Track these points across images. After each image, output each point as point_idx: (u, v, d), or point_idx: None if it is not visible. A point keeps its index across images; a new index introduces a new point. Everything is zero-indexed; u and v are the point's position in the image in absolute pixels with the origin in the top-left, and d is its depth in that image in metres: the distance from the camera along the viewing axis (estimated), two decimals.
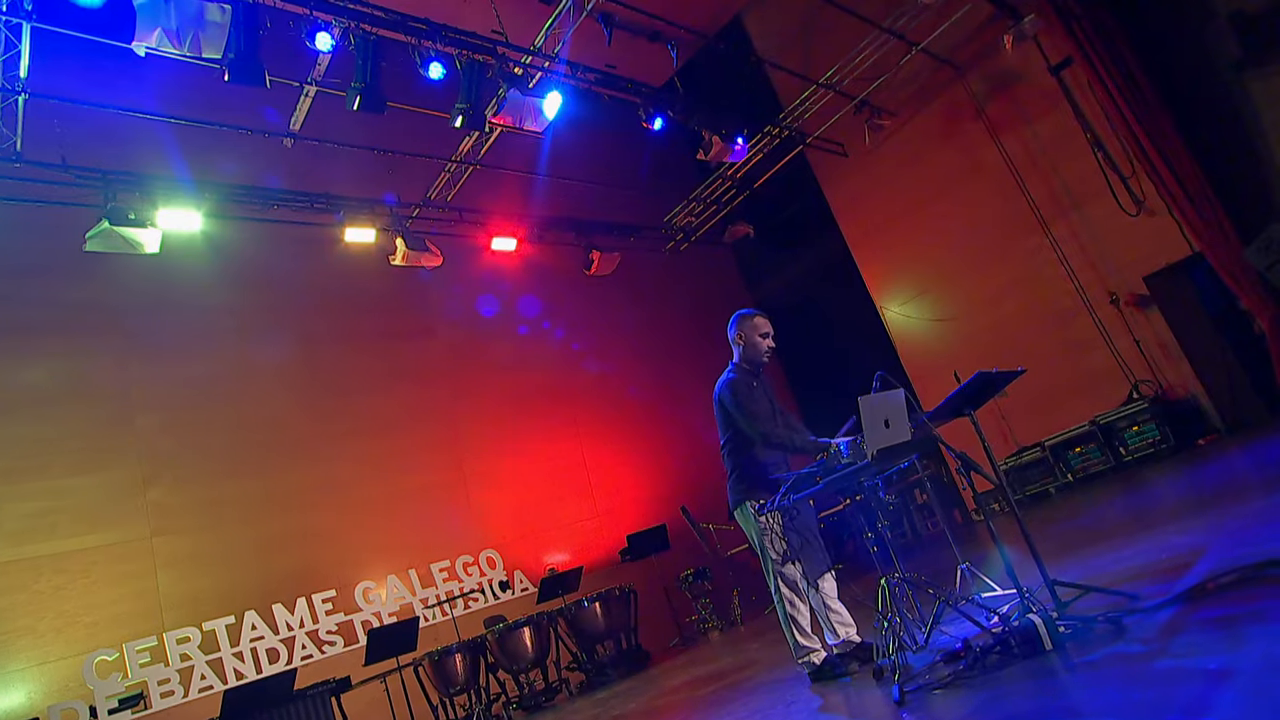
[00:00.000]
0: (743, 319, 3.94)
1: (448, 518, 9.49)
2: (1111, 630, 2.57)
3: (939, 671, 2.93)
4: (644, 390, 11.73)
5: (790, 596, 3.70)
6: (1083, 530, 5.66)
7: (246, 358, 8.57)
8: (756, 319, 3.90)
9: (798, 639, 3.69)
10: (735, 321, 3.95)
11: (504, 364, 10.64)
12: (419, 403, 9.85)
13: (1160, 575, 3.13)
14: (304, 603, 7.76)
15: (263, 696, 5.37)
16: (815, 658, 3.68)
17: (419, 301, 10.24)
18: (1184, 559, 3.24)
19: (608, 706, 5.79)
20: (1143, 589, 2.98)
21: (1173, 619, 2.46)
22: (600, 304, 11.57)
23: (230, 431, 8.21)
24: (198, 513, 7.71)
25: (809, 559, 3.77)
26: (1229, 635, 2.09)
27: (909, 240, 11.00)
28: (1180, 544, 3.57)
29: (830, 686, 3.52)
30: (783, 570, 3.69)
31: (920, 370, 11.03)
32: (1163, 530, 4.16)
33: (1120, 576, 3.44)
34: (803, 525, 3.78)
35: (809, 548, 3.78)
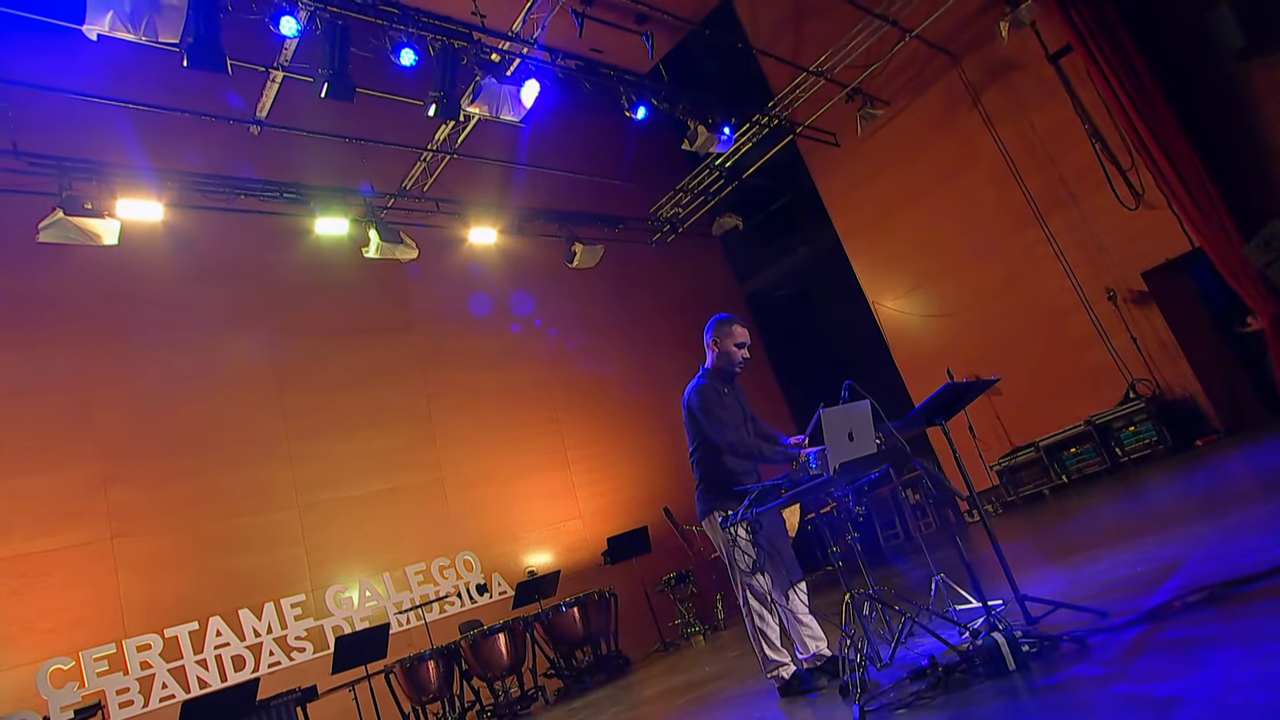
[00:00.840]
0: (720, 325, 3.94)
1: (423, 519, 9.49)
2: (1076, 650, 2.58)
3: (904, 689, 2.94)
4: (630, 387, 11.74)
5: (758, 609, 3.71)
6: (1067, 538, 5.69)
7: (212, 353, 8.55)
8: (735, 327, 3.90)
9: (766, 653, 3.71)
10: (712, 326, 3.95)
11: (484, 360, 10.63)
12: (394, 400, 9.84)
13: (1135, 590, 3.15)
14: (272, 608, 7.76)
15: (223, 708, 5.37)
16: (784, 672, 3.70)
17: (394, 295, 10.21)
18: (1161, 572, 3.26)
19: (581, 717, 5.81)
20: (1115, 605, 3.00)
21: (1137, 639, 2.48)
22: (584, 298, 11.56)
23: (195, 429, 8.19)
24: (161, 514, 7.69)
25: (778, 570, 3.78)
26: (1184, 660, 2.11)
27: (902, 233, 11.01)
28: (1161, 555, 3.59)
29: (798, 702, 3.53)
30: (751, 582, 3.70)
31: (913, 367, 11.06)
32: (1146, 540, 4.19)
33: (1097, 590, 3.46)
34: (771, 536, 3.78)
35: (778, 559, 3.79)
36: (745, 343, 3.91)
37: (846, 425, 2.89)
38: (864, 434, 2.97)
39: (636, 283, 12.32)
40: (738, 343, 3.89)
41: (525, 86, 7.47)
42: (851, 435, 2.90)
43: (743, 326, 3.91)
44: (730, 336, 3.89)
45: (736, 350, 3.89)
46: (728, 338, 3.90)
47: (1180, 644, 2.28)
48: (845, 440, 2.87)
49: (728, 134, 8.93)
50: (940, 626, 3.46)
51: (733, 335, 3.89)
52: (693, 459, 3.94)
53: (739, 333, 3.90)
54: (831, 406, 2.84)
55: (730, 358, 3.89)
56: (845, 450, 2.87)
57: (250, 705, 5.55)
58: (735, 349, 3.89)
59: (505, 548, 9.91)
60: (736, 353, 3.89)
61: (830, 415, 2.85)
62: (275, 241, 9.10)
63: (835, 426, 2.85)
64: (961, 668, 2.81)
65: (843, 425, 2.88)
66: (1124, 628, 2.63)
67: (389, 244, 8.88)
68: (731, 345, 3.89)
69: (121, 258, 7.67)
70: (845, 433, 2.88)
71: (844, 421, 2.89)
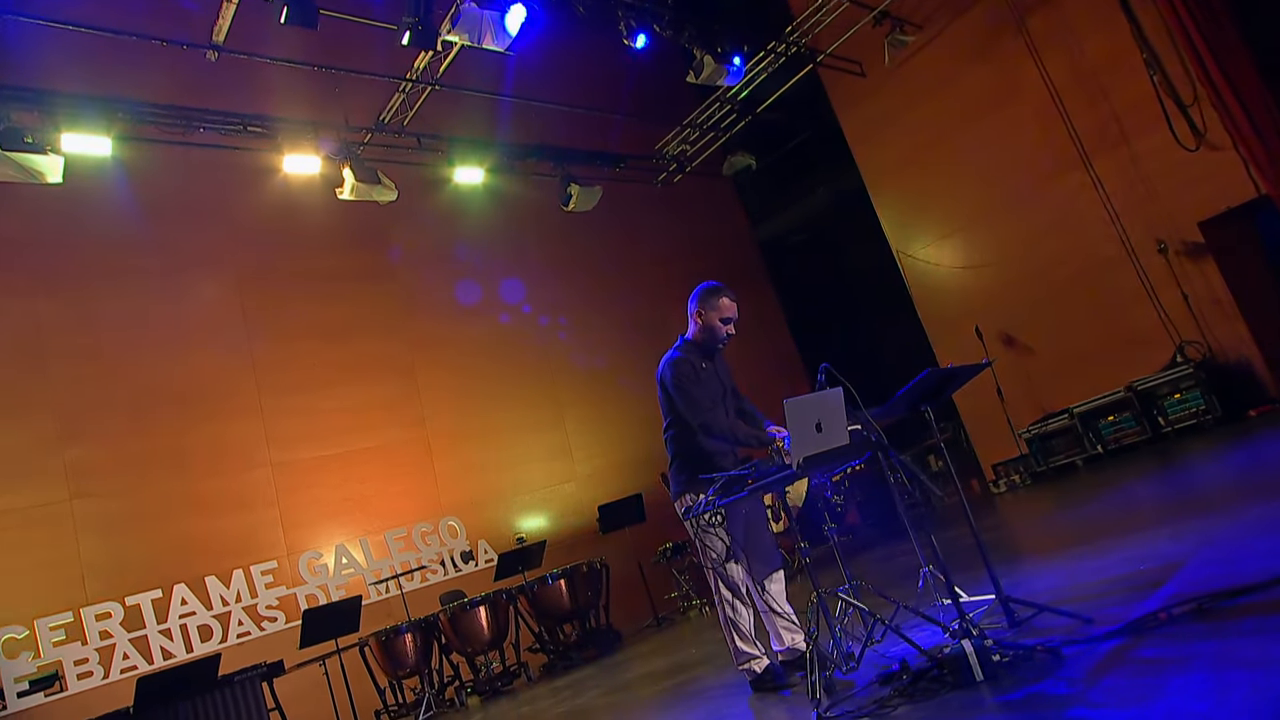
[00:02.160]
0: (707, 295, 3.92)
1: (406, 480, 9.66)
2: (1048, 661, 2.62)
3: (871, 694, 3.01)
4: (632, 340, 11.75)
5: (730, 599, 3.78)
6: (1082, 522, 5.73)
7: (175, 300, 8.62)
8: (722, 299, 3.88)
9: (737, 644, 3.79)
10: (698, 295, 3.94)
11: (472, 310, 10.66)
12: (374, 352, 9.93)
13: (1130, 592, 3.19)
14: (241, 575, 7.98)
15: (182, 684, 5.56)
16: (756, 665, 3.78)
17: (373, 240, 10.21)
18: (1161, 573, 3.29)
19: (559, 697, 5.99)
20: (1104, 609, 3.04)
21: (1111, 654, 2.52)
22: (581, 244, 11.51)
23: (158, 383, 8.31)
24: (122, 473, 7.87)
25: (753, 559, 3.84)
26: (1149, 684, 2.14)
27: (932, 175, 10.83)
28: (1168, 553, 3.62)
29: (768, 699, 3.62)
30: (722, 571, 3.76)
31: (939, 324, 10.99)
32: (1160, 531, 4.22)
33: (1093, 589, 3.50)
34: (748, 522, 3.83)
35: (755, 546, 3.85)
36: (731, 317, 3.90)
37: (814, 415, 2.89)
38: (835, 424, 2.98)
39: (639, 227, 12.25)
40: (723, 317, 3.88)
41: (510, 11, 7.33)
42: (820, 426, 2.90)
43: (731, 300, 3.89)
44: (716, 310, 3.88)
45: (721, 326, 3.88)
46: (713, 310, 3.89)
47: (1151, 664, 2.32)
48: (812, 432, 2.88)
49: (738, 65, 8.75)
50: (920, 626, 3.52)
51: (719, 309, 3.88)
52: (666, 436, 3.98)
53: (726, 306, 3.88)
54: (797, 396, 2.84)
55: (713, 333, 3.89)
56: (811, 442, 2.88)
57: (211, 681, 5.74)
58: (720, 324, 3.88)
59: (493, 512, 10.07)
60: (721, 328, 3.88)
61: (795, 405, 2.85)
62: (239, 180, 9.09)
63: (801, 417, 2.86)
64: (931, 674, 2.86)
65: (809, 415, 2.88)
66: (1103, 639, 2.67)
67: (365, 184, 8.85)
68: (716, 320, 3.88)
69: (70, 197, 7.69)
70: (812, 423, 2.88)
71: (811, 411, 2.89)
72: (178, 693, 5.54)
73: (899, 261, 11.33)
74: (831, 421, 2.96)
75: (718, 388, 3.91)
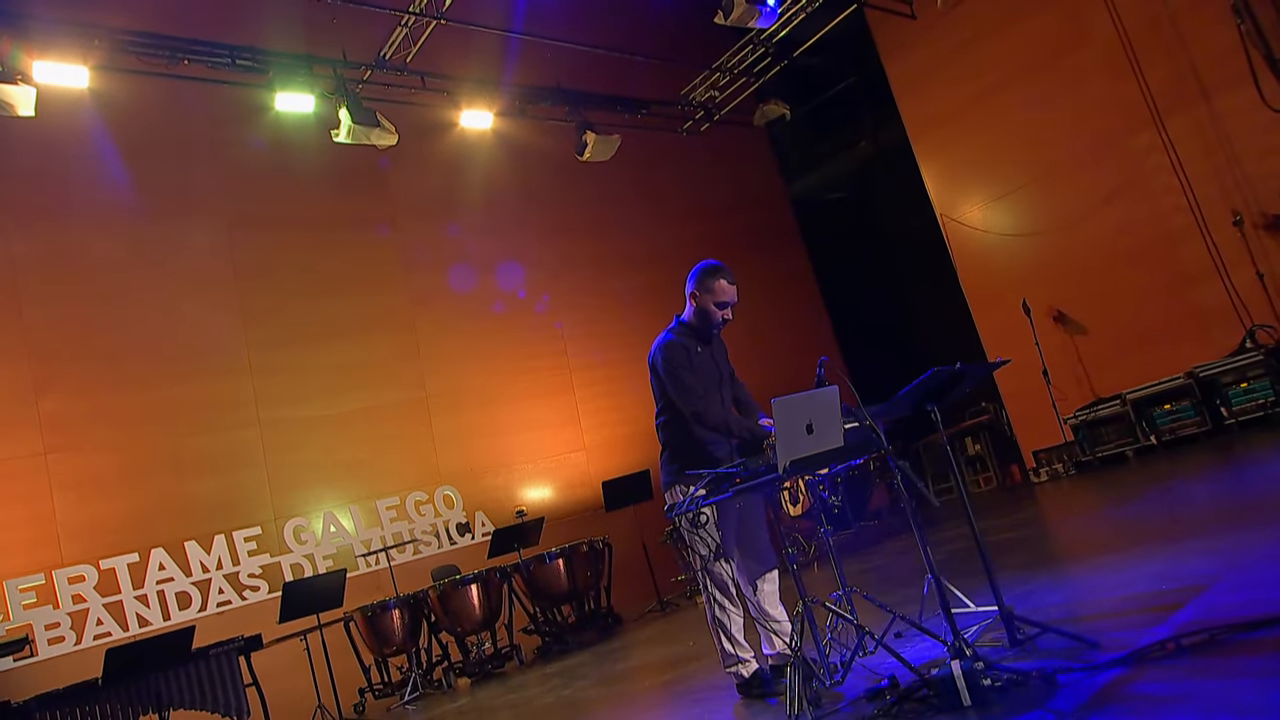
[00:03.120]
0: (705, 276, 3.92)
1: (402, 445, 9.79)
2: (1040, 690, 2.64)
3: (856, 711, 3.05)
4: (649, 302, 11.73)
5: (719, 598, 3.83)
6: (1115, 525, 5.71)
7: (159, 244, 8.72)
8: (720, 281, 3.87)
9: (725, 646, 3.84)
10: (696, 275, 3.94)
11: (477, 264, 10.69)
12: (372, 307, 10.01)
13: (1145, 614, 3.19)
14: (223, 540, 8.18)
15: (153, 656, 5.74)
16: (744, 669, 3.84)
17: (373, 186, 10.24)
18: (1182, 594, 3.28)
19: (548, 685, 6.12)
20: (1114, 631, 3.04)
21: (1107, 687, 2.53)
22: (597, 196, 11.47)
23: (141, 332, 8.46)
24: (100, 428, 8.04)
25: (745, 557, 3.87)
26: None
27: (984, 131, 10.65)
28: (1196, 570, 3.61)
29: (755, 706, 3.68)
30: (712, 568, 3.80)
31: (983, 296, 10.87)
32: (1194, 544, 4.20)
33: (1109, 606, 3.51)
34: (742, 517, 3.86)
35: (748, 544, 3.88)
36: (729, 301, 3.89)
37: (805, 415, 2.89)
38: (828, 425, 2.97)
39: (660, 180, 12.17)
40: (719, 301, 3.87)
41: None
42: (811, 427, 2.90)
43: (730, 282, 3.88)
44: (712, 293, 3.88)
45: (716, 310, 3.88)
46: (709, 294, 3.88)
47: (1145, 701, 2.33)
48: (801, 433, 2.88)
49: (771, 4, 8.59)
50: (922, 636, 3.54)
51: (715, 291, 3.87)
52: (658, 423, 4.01)
53: (723, 289, 3.87)
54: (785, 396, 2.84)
55: (708, 317, 3.89)
56: (801, 444, 2.88)
57: (184, 654, 5.91)
58: (715, 308, 3.88)
59: (493, 482, 10.20)
60: (716, 313, 3.88)
61: (785, 405, 2.85)
62: (228, 116, 9.12)
63: (789, 417, 2.86)
64: (919, 695, 2.89)
65: (799, 416, 2.88)
66: (1103, 667, 2.68)
67: (363, 126, 8.85)
68: (712, 304, 3.88)
69: (44, 131, 7.76)
70: (803, 424, 2.89)
71: (802, 411, 2.89)
72: (149, 665, 5.72)
73: (942, 225, 11.19)
74: (825, 422, 2.96)
75: (713, 374, 3.92)
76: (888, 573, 6.01)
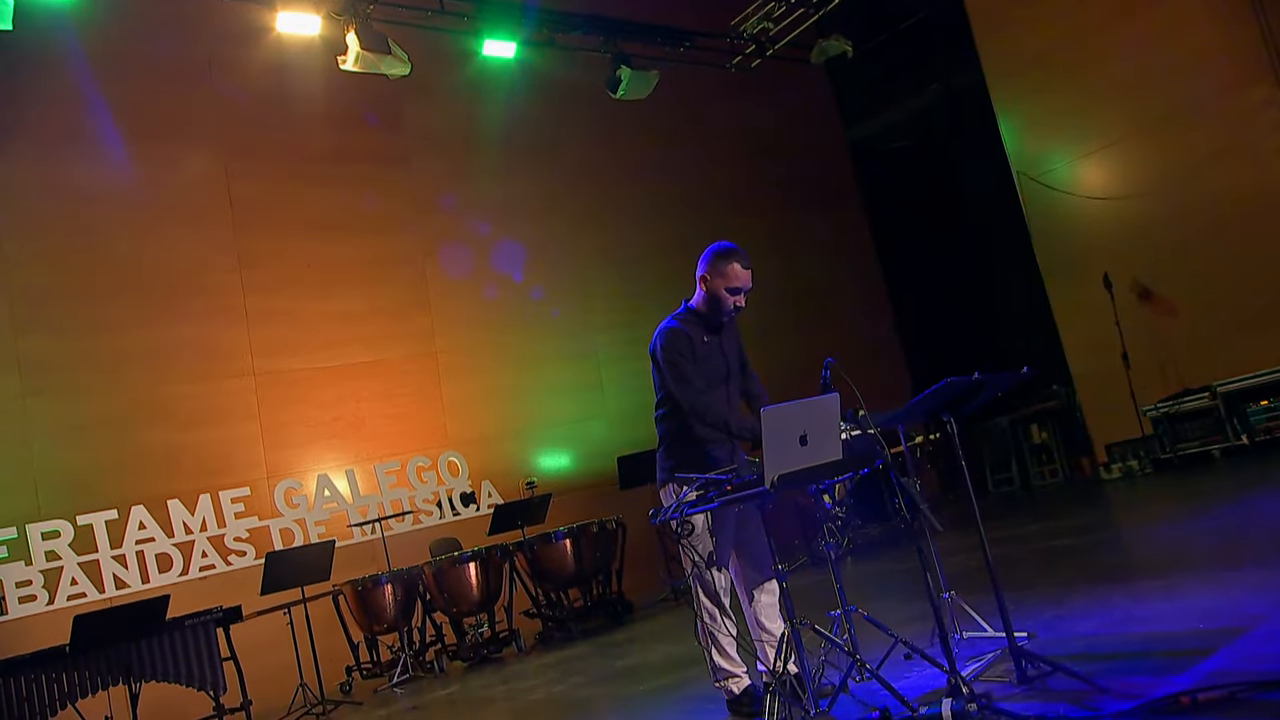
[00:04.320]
0: (716, 258, 3.92)
1: (407, 404, 9.96)
2: None
3: None
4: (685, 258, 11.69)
5: (710, 608, 3.89)
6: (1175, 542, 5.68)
7: (149, 175, 8.88)
8: (733, 265, 3.87)
9: (715, 659, 3.92)
10: (708, 258, 3.95)
11: (498, 209, 10.73)
12: (381, 252, 10.13)
13: (1170, 656, 3.20)
14: (208, 500, 8.43)
15: (123, 624, 5.98)
16: (734, 685, 3.92)
17: (386, 119, 10.28)
18: (1220, 636, 3.28)
19: (542, 679, 6.30)
20: (1128, 675, 3.06)
21: None
22: (632, 138, 11.41)
23: (129, 269, 8.64)
24: (83, 370, 8.28)
25: (743, 565, 3.93)
26: None
27: (1074, 77, 10.40)
28: (1238, 609, 3.60)
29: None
30: (704, 576, 3.86)
31: (1060, 266, 10.75)
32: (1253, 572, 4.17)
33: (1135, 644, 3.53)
34: (741, 520, 3.90)
35: (744, 551, 3.93)
36: (742, 287, 3.89)
37: (798, 426, 2.91)
38: (825, 437, 2.99)
39: (703, 121, 12.06)
40: (731, 286, 3.88)
41: None
42: (805, 438, 2.92)
43: (745, 266, 3.88)
44: (724, 277, 3.88)
45: (728, 296, 3.89)
46: (720, 278, 3.89)
47: None
48: (793, 445, 2.90)
49: None
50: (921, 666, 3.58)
51: (728, 276, 3.88)
52: (656, 415, 4.06)
53: (736, 274, 3.87)
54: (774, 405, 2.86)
55: (719, 303, 3.91)
56: (792, 457, 2.91)
57: (158, 624, 6.16)
58: (727, 294, 3.89)
59: (504, 449, 10.34)
60: (727, 299, 3.89)
61: (775, 416, 2.87)
62: (224, 33, 9.18)
63: (780, 428, 2.88)
64: None
65: (791, 427, 2.90)
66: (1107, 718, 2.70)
67: (373, 53, 8.86)
68: (724, 290, 3.89)
69: (22, 47, 7.88)
70: (795, 436, 2.91)
71: (794, 422, 2.91)
72: (120, 634, 5.96)
73: (1018, 184, 10.99)
74: (821, 433, 2.98)
75: (720, 366, 3.95)
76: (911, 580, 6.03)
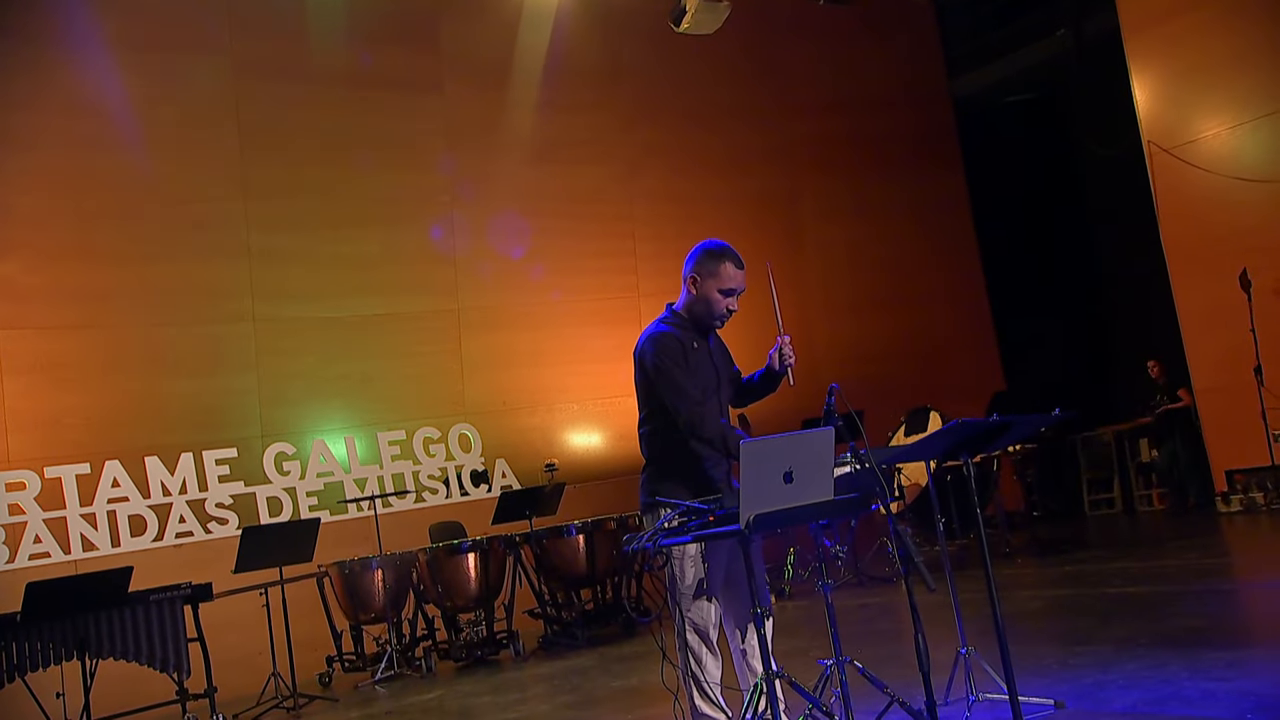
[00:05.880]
0: (706, 258, 3.95)
1: (421, 364, 10.18)
2: None
3: None
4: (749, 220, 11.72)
5: (695, 646, 3.97)
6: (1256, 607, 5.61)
7: (148, 87, 9.12)
8: (726, 266, 3.90)
9: (696, 703, 4.00)
10: (697, 256, 3.97)
11: (538, 149, 10.82)
12: (403, 190, 10.31)
13: None
14: (190, 460, 8.75)
15: (82, 595, 6.28)
16: None
17: (418, 39, 10.42)
18: None
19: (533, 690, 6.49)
20: None
21: None
22: (698, 77, 11.43)
23: (119, 194, 8.96)
24: (64, 303, 8.65)
25: (733, 600, 4.00)
26: None
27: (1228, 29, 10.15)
28: None
29: None
30: (690, 610, 3.95)
31: (1188, 257, 10.51)
32: None
33: None
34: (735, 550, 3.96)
35: (738, 582, 3.99)
36: (735, 289, 3.93)
37: (782, 462, 2.96)
38: (814, 474, 3.04)
39: (782, 61, 12.02)
40: (724, 288, 3.92)
41: None
42: (790, 475, 2.98)
43: (738, 267, 3.92)
44: (715, 278, 3.92)
45: (720, 299, 3.93)
46: (711, 278, 3.92)
47: None
48: (775, 483, 2.96)
49: None
50: None
51: (720, 276, 3.91)
52: (641, 432, 4.13)
53: (729, 275, 3.91)
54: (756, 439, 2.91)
55: (710, 307, 3.95)
56: (773, 496, 2.96)
57: (119, 596, 6.44)
58: (719, 296, 3.92)
59: (525, 422, 10.52)
60: (719, 302, 3.93)
61: (753, 450, 2.91)
62: None
63: (759, 463, 2.93)
64: None
65: (774, 462, 2.95)
66: None
67: None
68: (714, 290, 3.92)
69: None
70: (778, 472, 2.96)
71: (777, 456, 2.96)
72: (75, 604, 6.26)
73: (1148, 155, 10.73)
74: (810, 469, 3.03)
75: (710, 376, 3.99)
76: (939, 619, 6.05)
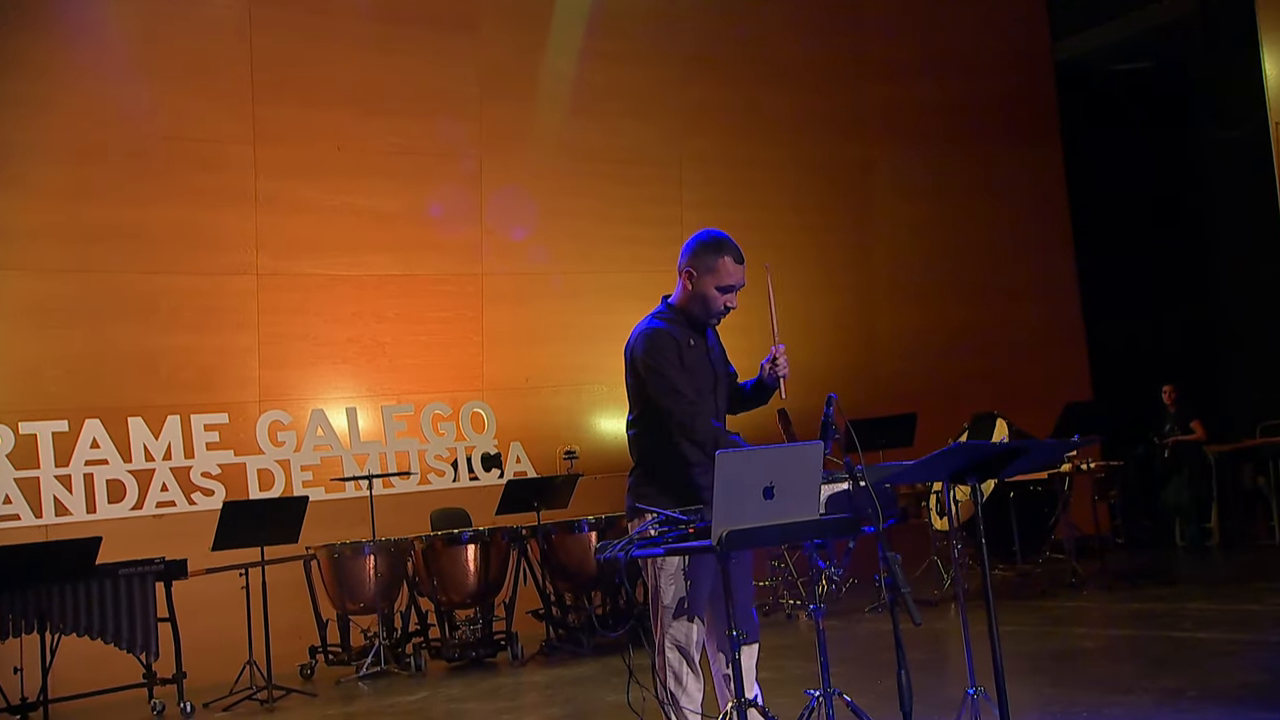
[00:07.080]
0: (703, 250, 3.98)
1: (437, 332, 10.30)
2: None
3: None
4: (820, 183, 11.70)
5: (677, 665, 4.04)
6: None
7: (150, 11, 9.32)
8: (724, 259, 3.93)
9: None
10: (693, 248, 4.00)
11: (576, 102, 10.87)
12: (427, 141, 10.39)
13: None
14: (177, 423, 8.94)
15: (44, 564, 6.50)
16: None
17: None
18: None
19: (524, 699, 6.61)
20: None
21: None
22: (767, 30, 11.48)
23: (115, 128, 9.15)
24: (51, 244, 8.89)
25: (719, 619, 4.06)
26: None
27: None
28: None
29: None
30: (673, 627, 4.03)
31: None
32: None
33: None
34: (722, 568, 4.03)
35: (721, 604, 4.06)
36: (734, 285, 3.97)
37: (761, 476, 3.01)
38: (798, 490, 3.09)
39: (860, 16, 12.04)
40: (721, 284, 3.95)
41: None
42: (770, 490, 3.03)
43: (737, 262, 3.95)
44: (713, 273, 3.95)
45: (717, 295, 3.96)
46: (709, 274, 3.96)
47: None
48: (753, 498, 3.01)
49: None
50: None
51: (717, 272, 3.95)
52: (630, 433, 4.19)
53: (728, 270, 3.95)
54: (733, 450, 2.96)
55: (707, 303, 3.99)
56: (749, 512, 3.01)
57: (84, 567, 6.66)
58: (716, 293, 3.96)
59: (546, 402, 10.62)
60: (717, 299, 3.97)
61: (728, 461, 2.95)
62: None
63: (734, 476, 2.97)
64: None
65: (754, 475, 3.00)
66: None
67: None
68: (712, 287, 3.95)
69: None
70: (757, 487, 3.01)
71: (755, 470, 3.01)
72: (33, 575, 6.48)
73: (1275, 139, 10.53)
74: (794, 485, 3.07)
75: (708, 375, 4.05)
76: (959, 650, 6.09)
